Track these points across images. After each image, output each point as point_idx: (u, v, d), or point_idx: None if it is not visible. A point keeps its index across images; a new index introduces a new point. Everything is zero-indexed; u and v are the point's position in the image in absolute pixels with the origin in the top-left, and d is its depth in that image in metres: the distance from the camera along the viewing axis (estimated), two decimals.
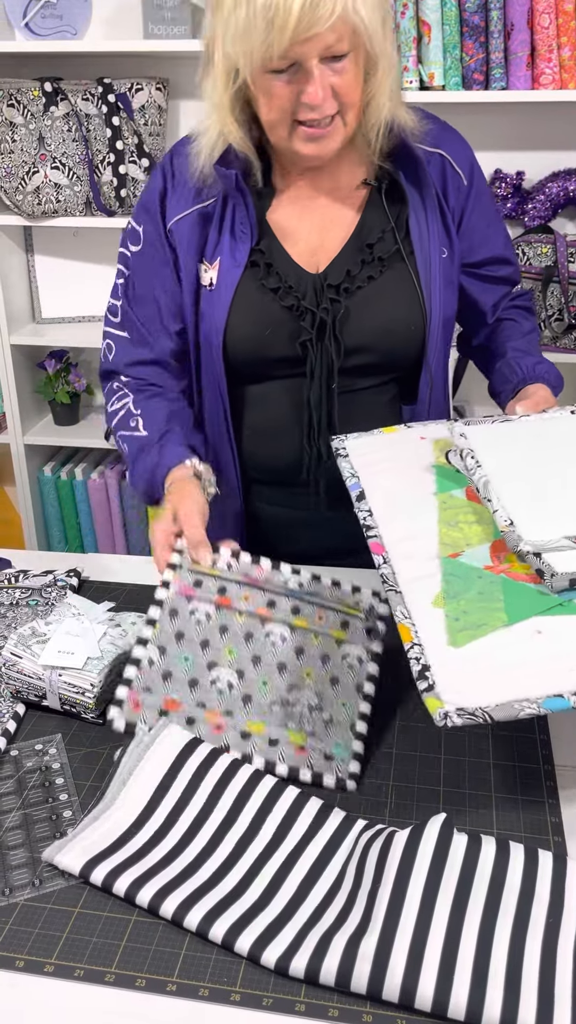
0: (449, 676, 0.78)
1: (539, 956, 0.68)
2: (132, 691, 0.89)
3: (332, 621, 1.01)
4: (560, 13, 1.84)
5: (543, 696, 0.74)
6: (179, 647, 0.94)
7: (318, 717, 0.93)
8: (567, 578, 0.84)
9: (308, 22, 0.92)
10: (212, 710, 0.91)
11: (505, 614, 0.83)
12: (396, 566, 0.90)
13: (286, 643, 0.98)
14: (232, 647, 0.96)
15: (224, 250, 1.13)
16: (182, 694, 0.91)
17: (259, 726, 0.91)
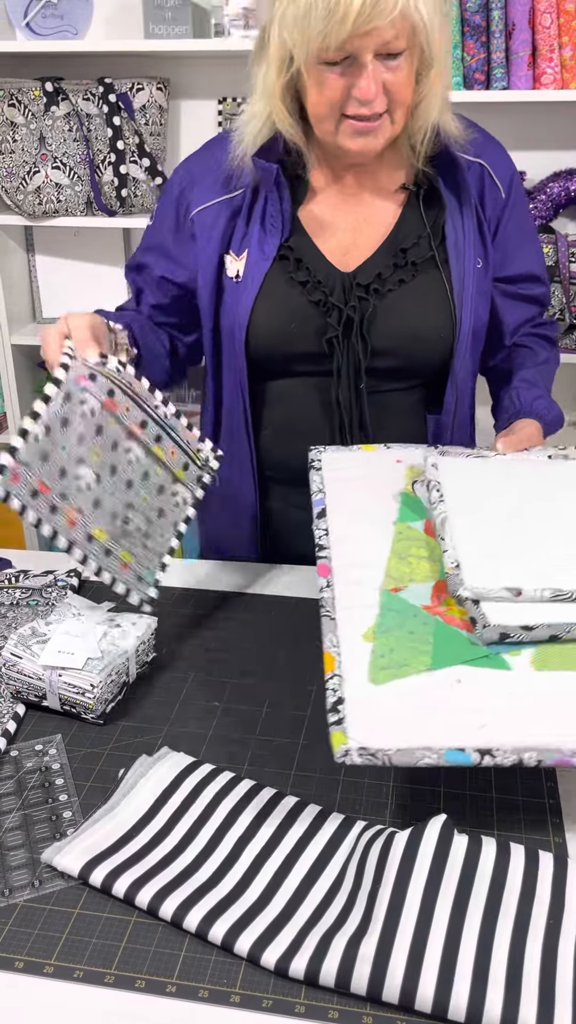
0: (361, 713, 0.78)
1: (539, 957, 0.68)
2: (16, 462, 0.91)
3: (178, 460, 1.10)
4: (561, 12, 1.84)
5: (446, 748, 0.74)
6: (60, 434, 0.96)
7: (142, 540, 1.02)
8: (498, 631, 0.83)
9: (368, 16, 0.92)
10: (70, 505, 0.96)
11: (431, 658, 0.83)
12: (337, 591, 0.91)
13: (139, 463, 1.05)
14: (99, 450, 1.00)
15: (252, 242, 1.13)
16: (52, 481, 0.95)
17: (102, 534, 0.98)
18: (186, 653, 1.10)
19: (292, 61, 1.01)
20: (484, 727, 0.76)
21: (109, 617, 1.05)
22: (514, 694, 0.80)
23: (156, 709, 1.00)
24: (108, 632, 1.02)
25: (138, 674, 1.04)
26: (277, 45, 1.01)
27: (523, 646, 0.84)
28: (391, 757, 0.73)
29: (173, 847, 0.80)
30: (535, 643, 0.84)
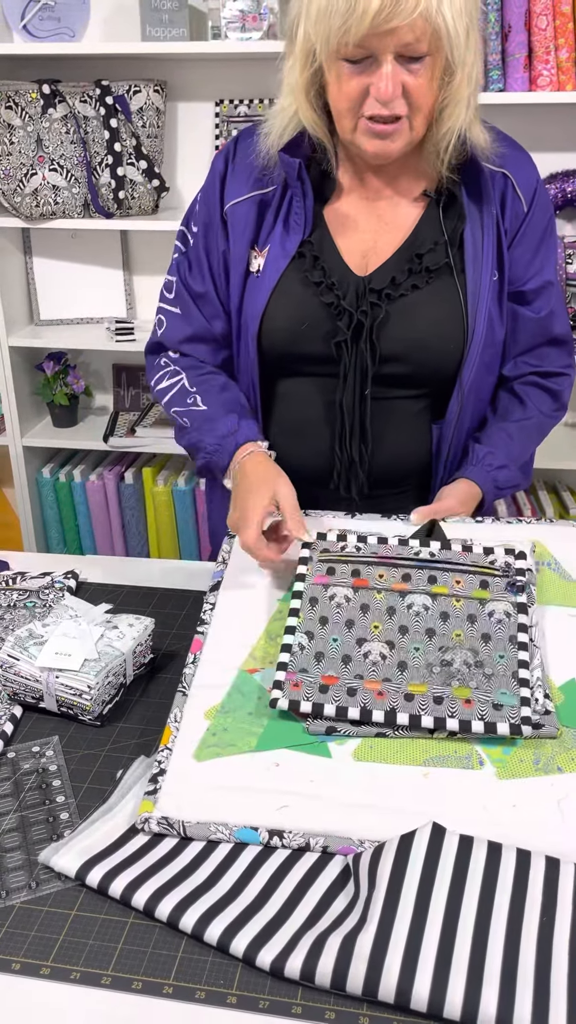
0: (176, 787, 0.84)
1: (534, 955, 0.68)
2: (290, 672, 0.92)
3: (471, 583, 1.00)
4: (558, 15, 1.84)
5: (239, 825, 0.80)
6: (325, 630, 0.97)
7: (478, 672, 0.92)
8: (324, 726, 0.89)
9: (389, 14, 0.91)
10: (371, 679, 0.92)
11: (257, 740, 0.88)
12: (199, 669, 0.96)
13: (430, 611, 0.98)
14: (377, 622, 0.98)
15: (275, 239, 1.13)
16: (338, 670, 0.93)
17: (421, 687, 0.91)
18: (184, 654, 1.10)
19: (315, 56, 1.01)
20: (284, 808, 0.82)
21: (106, 619, 1.05)
22: (324, 781, 0.85)
23: (153, 710, 1.00)
24: (105, 634, 1.02)
25: (135, 675, 1.04)
26: (302, 40, 1.01)
27: (350, 738, 0.89)
28: (187, 829, 0.80)
29: (170, 848, 0.80)
30: (362, 736, 0.89)
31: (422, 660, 0.94)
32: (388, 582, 1.00)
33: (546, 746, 0.88)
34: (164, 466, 2.42)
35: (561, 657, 0.96)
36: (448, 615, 0.97)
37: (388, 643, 0.96)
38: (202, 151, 2.22)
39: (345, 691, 0.91)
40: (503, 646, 0.94)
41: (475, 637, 0.95)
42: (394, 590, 1.00)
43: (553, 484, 2.38)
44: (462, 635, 0.95)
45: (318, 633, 0.97)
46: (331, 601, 1.00)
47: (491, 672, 0.92)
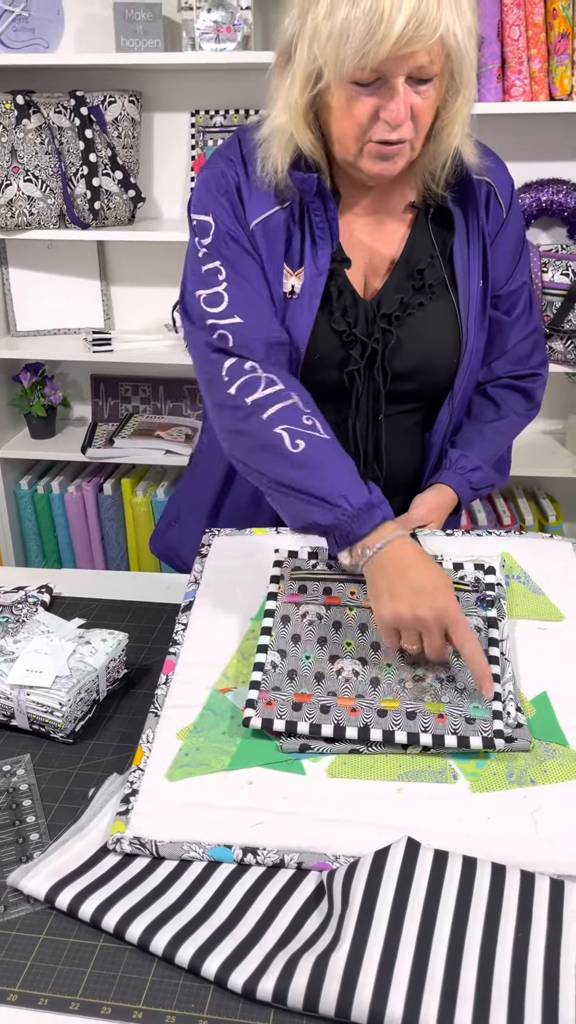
0: (148, 806, 0.83)
1: (508, 972, 0.67)
2: (262, 691, 0.92)
3: None
4: (530, 25, 1.85)
5: (213, 844, 0.79)
6: (298, 647, 0.96)
7: (450, 687, 0.92)
8: (298, 743, 0.89)
9: (409, 39, 0.88)
10: (344, 696, 0.92)
11: (230, 759, 0.88)
12: (171, 689, 0.96)
13: None
14: (349, 639, 0.97)
15: (308, 256, 1.08)
16: (311, 688, 0.93)
17: (394, 702, 0.91)
18: (158, 670, 1.09)
19: (319, 78, 0.97)
20: (258, 825, 0.81)
21: (79, 634, 1.03)
22: (298, 797, 0.84)
23: (127, 727, 0.98)
24: (77, 649, 1.00)
25: (109, 691, 1.03)
26: (306, 61, 0.96)
27: (324, 755, 0.88)
28: (159, 849, 0.79)
29: (142, 868, 0.79)
30: (336, 753, 0.88)
31: (395, 676, 0.94)
32: (359, 599, 1.00)
33: (519, 759, 0.87)
34: (143, 477, 2.41)
35: (532, 671, 0.97)
36: None
37: (360, 659, 0.95)
38: (178, 161, 2.22)
39: (318, 708, 0.91)
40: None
41: (447, 653, 0.95)
42: (365, 606, 0.99)
43: (532, 491, 2.39)
44: None
45: (290, 651, 0.96)
46: (303, 619, 0.99)
47: (463, 686, 0.92)
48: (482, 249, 1.14)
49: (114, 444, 2.29)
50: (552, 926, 0.71)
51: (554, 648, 0.99)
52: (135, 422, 2.39)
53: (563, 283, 2.02)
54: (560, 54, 1.85)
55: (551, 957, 0.68)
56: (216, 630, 1.03)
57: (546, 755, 0.88)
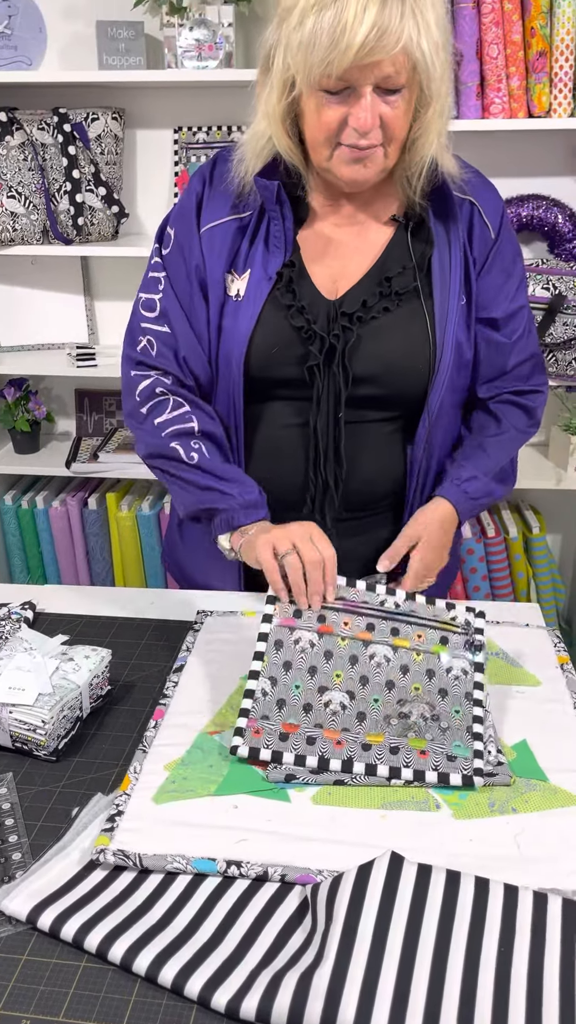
0: (133, 824, 0.84)
1: (492, 987, 0.67)
2: (251, 720, 0.93)
3: (431, 638, 1.02)
4: (508, 44, 1.88)
5: (197, 856, 0.80)
6: (288, 675, 0.98)
7: (434, 725, 0.94)
8: (283, 773, 0.90)
9: (371, 49, 0.93)
10: (330, 729, 0.93)
11: (216, 786, 0.89)
12: (160, 733, 0.97)
13: (391, 663, 1.00)
14: (339, 671, 0.99)
15: (256, 262, 1.13)
16: (299, 718, 0.94)
17: (378, 737, 0.93)
18: (142, 685, 1.09)
19: (294, 86, 1.02)
20: (242, 842, 0.82)
21: (62, 651, 1.03)
22: (283, 820, 0.85)
23: (111, 743, 0.98)
24: (60, 666, 1.00)
25: (93, 708, 1.03)
26: (281, 69, 1.02)
27: (309, 785, 0.90)
28: (144, 860, 0.80)
29: (126, 886, 0.78)
30: (321, 784, 0.90)
31: (381, 712, 0.95)
32: (352, 630, 1.02)
33: (500, 792, 0.89)
34: (128, 491, 2.40)
35: (512, 724, 0.99)
36: (408, 668, 0.99)
37: (349, 693, 0.97)
38: (161, 177, 2.23)
39: (304, 739, 0.92)
40: (459, 701, 0.97)
41: (432, 691, 0.97)
42: (358, 639, 1.01)
43: (516, 503, 2.40)
44: (420, 689, 0.97)
45: (281, 679, 0.97)
46: (296, 645, 1.00)
47: (447, 725, 0.94)
48: (464, 267, 1.15)
49: (99, 459, 2.29)
50: (535, 940, 0.71)
51: (532, 706, 1.02)
52: (119, 436, 2.39)
53: (544, 297, 2.04)
54: (538, 72, 1.88)
55: (534, 972, 0.69)
56: (206, 687, 1.05)
57: (527, 788, 0.89)
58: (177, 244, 1.18)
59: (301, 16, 0.96)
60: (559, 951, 0.70)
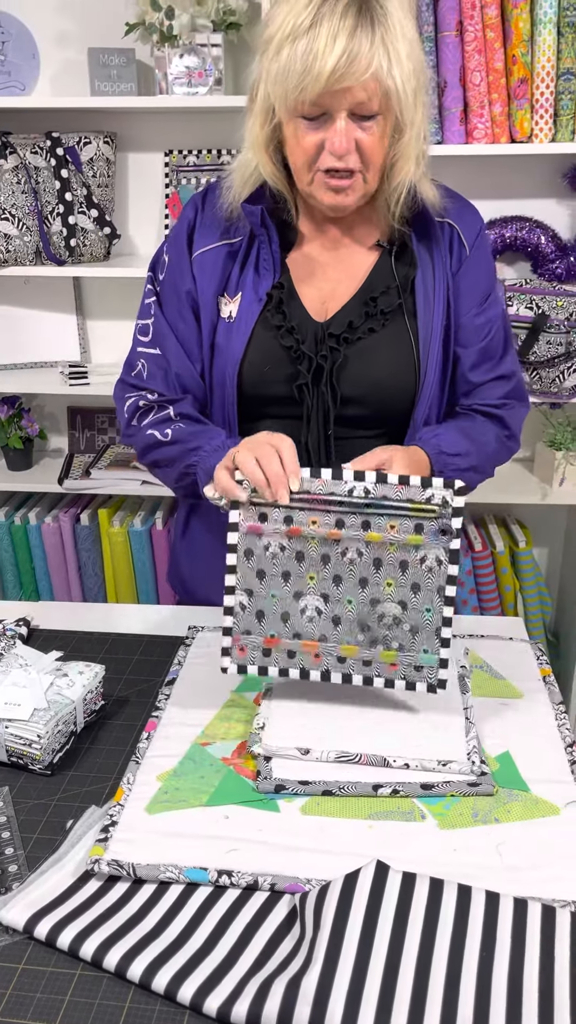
0: (127, 834, 0.86)
1: (474, 991, 0.70)
2: (234, 636, 0.95)
3: (405, 528, 0.98)
4: (491, 71, 1.93)
5: (189, 866, 0.83)
6: (263, 585, 0.99)
7: (404, 629, 0.97)
8: (273, 783, 0.93)
9: (342, 75, 0.98)
10: (308, 639, 0.97)
11: (208, 796, 0.92)
12: (152, 744, 1.00)
13: (363, 558, 0.99)
14: (312, 573, 1.00)
15: (247, 284, 1.18)
16: (278, 629, 0.97)
17: (352, 649, 0.97)
18: (135, 700, 1.11)
19: (274, 113, 1.07)
20: (233, 852, 0.84)
21: (56, 667, 1.06)
22: (273, 830, 0.88)
23: (104, 757, 1.01)
24: (55, 682, 1.03)
25: (86, 722, 1.05)
26: (262, 98, 1.07)
27: (298, 796, 0.92)
28: (137, 870, 0.82)
29: (120, 896, 0.81)
30: (310, 795, 0.93)
31: (354, 616, 0.98)
32: (322, 529, 0.99)
33: (483, 802, 0.92)
34: (120, 507, 2.43)
35: (495, 736, 1.02)
36: (381, 562, 0.98)
37: (323, 595, 0.99)
38: (153, 199, 2.27)
39: (285, 653, 0.97)
40: (431, 598, 0.98)
41: (405, 587, 0.98)
42: (329, 537, 0.99)
43: (503, 517, 2.43)
44: (393, 584, 0.98)
45: (257, 590, 0.99)
46: (266, 552, 1.00)
47: (416, 626, 0.97)
48: (446, 288, 1.19)
49: (91, 475, 2.31)
50: (515, 945, 0.74)
51: (515, 718, 1.05)
52: (111, 453, 2.41)
53: (528, 316, 2.09)
54: (520, 99, 1.93)
55: (514, 976, 0.71)
56: (198, 699, 1.08)
57: (509, 799, 0.92)
58: (170, 270, 1.22)
59: (278, 47, 1.01)
60: (538, 955, 0.73)
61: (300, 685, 1.04)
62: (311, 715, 1.02)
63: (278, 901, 0.80)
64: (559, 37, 1.89)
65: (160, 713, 1.06)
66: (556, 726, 1.04)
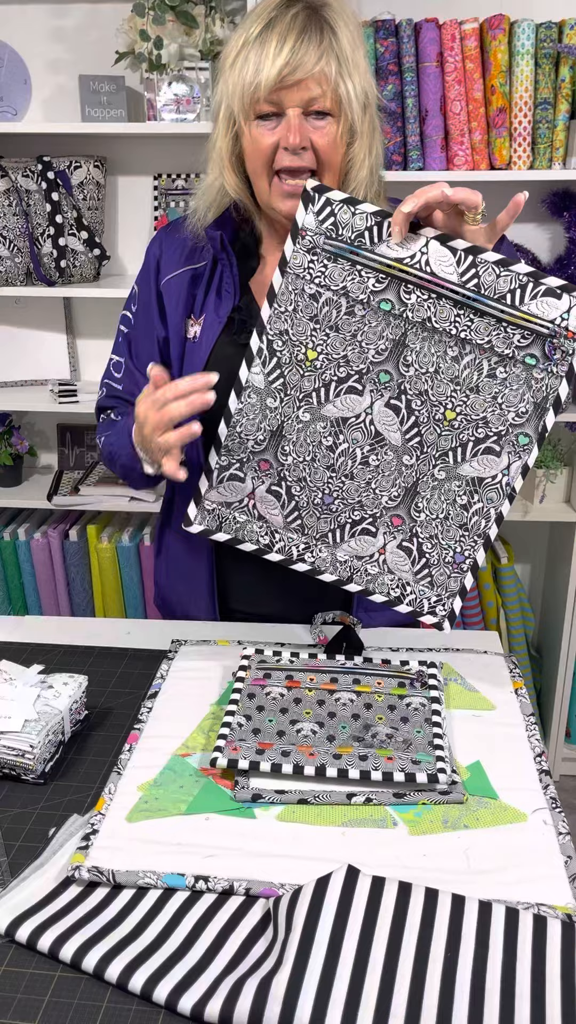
0: (107, 842, 0.89)
1: (438, 990, 0.73)
2: (229, 740, 1.00)
3: (390, 684, 1.11)
4: (470, 100, 1.99)
5: (167, 872, 0.85)
6: (261, 714, 1.05)
7: (398, 741, 1.01)
8: (250, 793, 0.96)
9: (294, 68, 1.06)
10: (303, 745, 1.00)
11: (187, 805, 0.95)
12: (134, 755, 1.03)
13: (355, 703, 1.08)
14: (309, 709, 1.06)
15: (210, 307, 1.23)
16: (273, 740, 1.01)
17: (348, 748, 1.00)
18: (118, 711, 1.14)
19: (234, 120, 1.13)
20: (210, 858, 0.87)
21: (40, 679, 1.08)
22: (249, 836, 0.91)
23: (87, 767, 1.03)
24: (41, 694, 1.05)
25: (72, 733, 1.08)
26: (223, 111, 1.14)
27: (274, 805, 0.95)
28: (116, 876, 0.84)
29: (99, 901, 0.83)
30: (286, 804, 0.95)
31: (348, 734, 1.03)
32: (318, 683, 1.10)
33: (454, 810, 0.95)
34: (108, 523, 2.46)
35: (467, 746, 1.05)
36: (371, 705, 1.07)
37: (319, 723, 1.04)
38: (141, 221, 2.32)
39: (279, 752, 0.99)
40: (420, 724, 1.04)
41: (395, 720, 1.05)
42: (323, 688, 1.10)
43: None
44: (384, 718, 1.05)
45: (255, 716, 1.05)
46: (267, 696, 1.08)
47: (410, 742, 1.01)
48: None
49: (80, 492, 2.34)
50: (479, 945, 0.76)
51: (487, 730, 1.08)
52: (100, 470, 2.45)
53: None
54: (498, 127, 1.99)
55: (477, 975, 0.74)
56: (179, 712, 1.11)
57: (479, 806, 0.95)
58: (141, 302, 1.29)
59: (233, 60, 1.11)
60: (501, 955, 0.76)
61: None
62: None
63: (253, 905, 0.83)
64: (536, 68, 1.95)
65: (142, 725, 1.08)
66: (526, 737, 1.07)
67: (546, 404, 1.03)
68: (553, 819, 0.93)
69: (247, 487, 1.12)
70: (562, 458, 2.28)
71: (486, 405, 1.04)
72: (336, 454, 1.08)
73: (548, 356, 1.01)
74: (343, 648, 1.20)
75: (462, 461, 1.06)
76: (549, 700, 2.40)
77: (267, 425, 1.09)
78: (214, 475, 1.12)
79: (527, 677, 2.39)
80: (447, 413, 1.05)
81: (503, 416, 1.04)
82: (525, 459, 1.05)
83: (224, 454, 1.11)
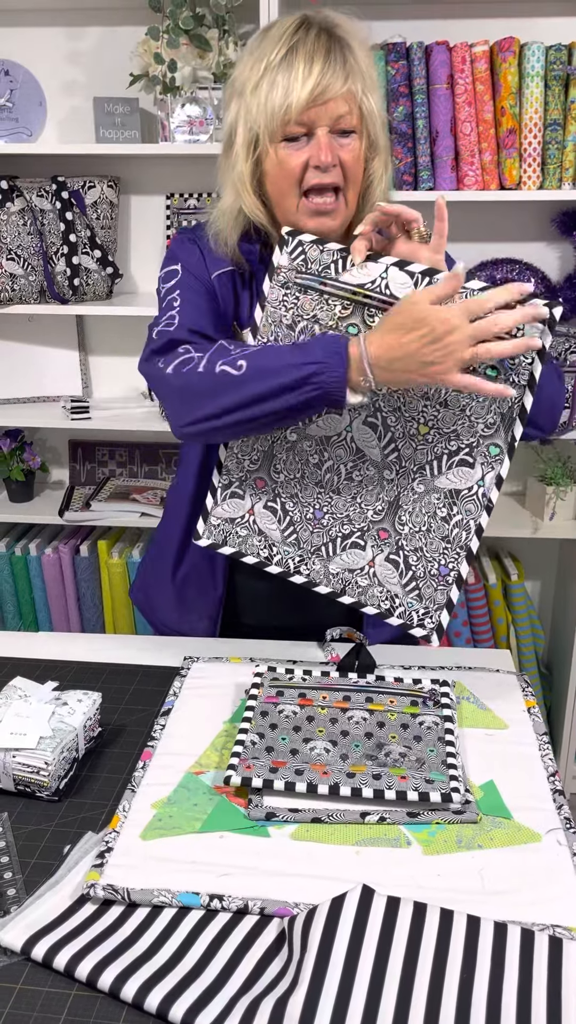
0: (122, 860, 0.89)
1: (454, 1011, 0.72)
2: (242, 758, 1.00)
3: (402, 702, 1.12)
4: (480, 122, 2.00)
5: (181, 891, 0.86)
6: (275, 732, 1.06)
7: (411, 760, 1.02)
8: (264, 811, 0.96)
9: (323, 88, 1.08)
10: (316, 764, 1.01)
11: (201, 823, 0.95)
12: (148, 773, 1.03)
13: (367, 721, 1.08)
14: (322, 728, 1.07)
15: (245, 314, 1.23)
16: (286, 758, 1.01)
17: (361, 767, 1.00)
18: (131, 729, 1.14)
19: (257, 144, 1.13)
20: (225, 876, 0.87)
21: (55, 696, 1.09)
22: (264, 855, 0.91)
23: (102, 784, 1.04)
24: (56, 711, 1.06)
25: (85, 750, 1.08)
26: (243, 134, 1.14)
27: (288, 823, 0.95)
28: (131, 895, 0.85)
29: (114, 919, 0.84)
30: (299, 822, 0.96)
31: (361, 753, 1.03)
32: (330, 701, 1.11)
33: (467, 829, 0.95)
34: (119, 539, 2.47)
35: (480, 765, 1.05)
36: (384, 723, 1.08)
37: (332, 742, 1.05)
38: (154, 240, 2.34)
39: (293, 771, 0.99)
40: (433, 743, 1.04)
41: (408, 738, 1.05)
42: (336, 707, 1.10)
43: (495, 551, 2.48)
44: (397, 737, 1.06)
45: (268, 735, 1.05)
46: (280, 714, 1.09)
47: (423, 762, 1.01)
48: None
49: (91, 507, 2.36)
50: (495, 967, 0.76)
51: (500, 749, 1.08)
52: (111, 486, 2.46)
53: None
54: (508, 148, 2.00)
55: (493, 997, 0.74)
56: (192, 729, 1.12)
57: (492, 826, 0.95)
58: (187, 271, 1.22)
59: (256, 84, 1.11)
60: (517, 977, 0.76)
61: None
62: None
63: (267, 924, 0.83)
64: (546, 89, 1.97)
65: (155, 743, 1.09)
66: (539, 756, 1.07)
67: (512, 415, 1.06)
68: (567, 839, 0.93)
69: (247, 503, 1.16)
70: (572, 476, 2.28)
71: (455, 418, 1.07)
72: (323, 471, 1.13)
73: (508, 367, 1.04)
74: (355, 666, 1.21)
75: (439, 474, 1.09)
76: (559, 718, 2.39)
77: (259, 446, 1.14)
78: (218, 493, 1.17)
79: (537, 695, 2.39)
80: (420, 428, 1.08)
81: (472, 428, 1.07)
82: (498, 470, 1.08)
83: (225, 474, 1.17)
